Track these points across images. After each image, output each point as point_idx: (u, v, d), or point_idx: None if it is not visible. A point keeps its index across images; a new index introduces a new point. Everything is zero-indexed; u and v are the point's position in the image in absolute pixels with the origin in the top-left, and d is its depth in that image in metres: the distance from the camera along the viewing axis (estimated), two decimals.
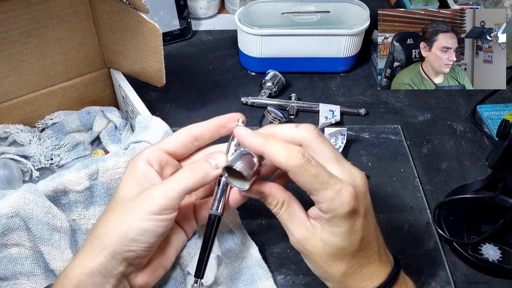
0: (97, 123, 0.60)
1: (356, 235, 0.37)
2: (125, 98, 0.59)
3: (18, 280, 0.41)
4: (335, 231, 0.36)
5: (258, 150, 0.36)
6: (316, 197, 0.36)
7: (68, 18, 0.54)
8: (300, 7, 0.73)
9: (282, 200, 0.38)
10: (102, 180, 0.46)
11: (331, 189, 0.35)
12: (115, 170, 0.46)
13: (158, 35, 0.52)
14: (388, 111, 0.71)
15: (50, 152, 0.58)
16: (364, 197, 0.37)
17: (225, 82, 0.75)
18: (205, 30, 0.85)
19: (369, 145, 0.65)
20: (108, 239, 0.36)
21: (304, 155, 0.35)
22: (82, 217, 0.47)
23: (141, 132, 0.50)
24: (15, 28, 0.51)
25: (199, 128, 0.41)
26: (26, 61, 0.54)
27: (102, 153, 0.59)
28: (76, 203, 0.46)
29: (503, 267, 0.51)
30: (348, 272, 0.38)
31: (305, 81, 0.76)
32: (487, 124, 0.69)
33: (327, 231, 0.37)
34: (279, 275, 0.50)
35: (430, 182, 0.61)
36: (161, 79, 0.57)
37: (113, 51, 0.59)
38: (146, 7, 0.49)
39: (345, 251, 0.37)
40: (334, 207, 0.35)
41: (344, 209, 0.35)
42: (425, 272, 0.52)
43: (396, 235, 0.55)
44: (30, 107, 0.59)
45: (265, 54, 0.73)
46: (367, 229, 0.37)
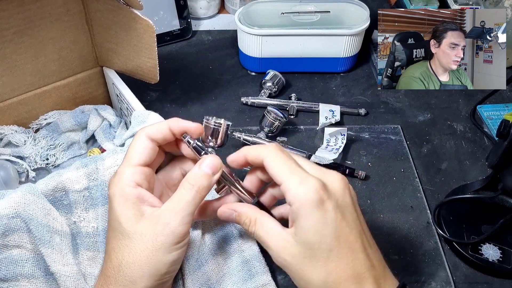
0: (91, 121, 0.60)
1: (328, 229, 0.35)
2: (119, 96, 0.59)
3: (19, 282, 0.41)
4: (305, 227, 0.35)
5: (239, 156, 0.40)
6: (283, 184, 0.36)
7: (61, 17, 0.54)
8: (300, 7, 0.73)
9: (255, 218, 0.39)
10: (104, 178, 0.46)
11: (297, 176, 0.36)
12: (114, 168, 0.46)
13: (151, 31, 0.51)
14: (388, 111, 0.71)
15: (46, 152, 0.58)
16: (339, 193, 0.37)
17: (225, 82, 0.75)
18: (205, 30, 0.85)
19: (369, 145, 0.65)
20: (142, 280, 0.36)
21: (277, 146, 0.39)
22: (82, 219, 0.47)
23: (137, 126, 0.50)
24: (8, 27, 0.51)
25: (160, 134, 0.40)
26: (19, 61, 0.54)
27: (98, 152, 0.59)
28: (76, 204, 0.46)
29: (503, 267, 0.51)
30: (328, 280, 0.35)
31: (305, 81, 0.76)
32: (487, 124, 0.69)
33: (298, 230, 0.36)
34: (279, 275, 0.50)
35: (430, 182, 0.61)
36: (155, 75, 0.57)
37: (106, 49, 0.59)
38: (140, 3, 0.49)
39: (318, 250, 0.35)
40: (299, 193, 0.35)
41: (308, 197, 0.35)
42: (425, 272, 0.52)
43: (396, 235, 0.55)
44: (24, 108, 0.59)
45: (265, 54, 0.73)
46: (345, 227, 0.36)
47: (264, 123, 0.63)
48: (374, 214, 0.57)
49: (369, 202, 0.58)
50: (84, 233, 0.47)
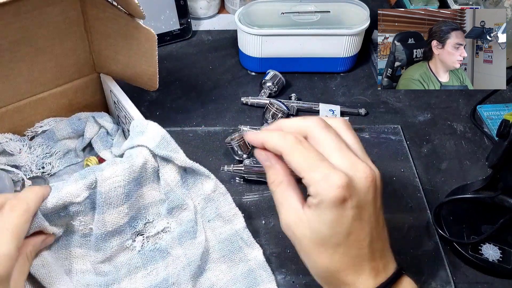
0: (88, 129, 0.59)
1: (342, 228, 0.35)
2: (117, 103, 0.58)
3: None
4: (321, 219, 0.35)
5: (258, 140, 0.38)
6: (305, 179, 0.36)
7: (59, 25, 0.53)
8: (300, 7, 0.73)
9: (281, 180, 0.38)
10: (101, 189, 0.46)
11: (319, 172, 0.35)
12: (113, 178, 0.46)
13: (153, 40, 0.51)
14: (388, 111, 0.71)
15: (41, 160, 0.57)
16: (363, 191, 0.36)
17: (225, 82, 0.75)
18: (205, 30, 0.85)
19: (369, 145, 0.65)
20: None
21: (296, 137, 0.36)
22: (83, 223, 0.47)
23: (136, 137, 0.50)
24: (4, 37, 0.49)
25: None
26: (16, 69, 0.53)
27: (95, 160, 0.58)
28: (76, 213, 0.46)
29: (503, 267, 0.51)
30: (330, 267, 0.37)
31: (305, 81, 0.76)
32: (487, 124, 0.69)
33: (315, 218, 0.36)
34: (279, 275, 0.50)
35: (430, 182, 0.61)
36: (154, 83, 0.57)
37: (104, 56, 0.58)
38: (142, 13, 0.48)
39: (328, 242, 0.36)
40: (320, 190, 0.35)
41: (330, 194, 0.34)
42: (425, 272, 0.52)
43: (396, 235, 0.55)
44: (19, 115, 0.57)
45: (265, 54, 0.73)
46: (359, 226, 0.36)
47: (267, 115, 0.64)
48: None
49: None
50: (81, 234, 0.47)
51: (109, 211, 0.47)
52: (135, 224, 0.50)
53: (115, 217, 0.47)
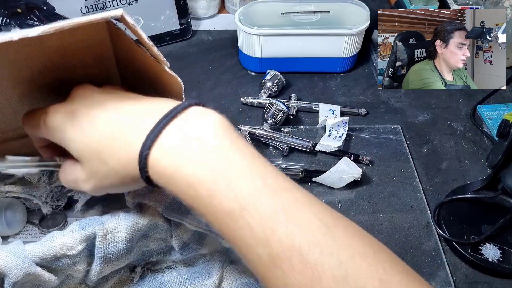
0: None
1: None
2: None
3: None
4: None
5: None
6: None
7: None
8: (300, 7, 0.73)
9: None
10: (100, 244, 0.41)
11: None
12: (114, 234, 0.41)
13: (179, 88, 0.47)
14: (388, 111, 0.71)
15: (58, 193, 0.52)
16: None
17: (225, 82, 0.75)
18: (205, 30, 0.85)
19: (369, 145, 0.65)
20: None
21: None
22: (75, 272, 0.43)
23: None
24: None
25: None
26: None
27: None
28: (70, 265, 0.41)
29: (503, 267, 0.51)
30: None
31: (305, 81, 0.76)
32: (487, 124, 0.69)
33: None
34: None
35: (430, 182, 0.61)
36: None
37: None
38: (165, 61, 0.44)
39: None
40: None
41: None
42: (425, 272, 0.52)
43: (396, 235, 0.55)
44: None
45: (265, 54, 0.73)
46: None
47: (268, 115, 0.64)
48: (374, 214, 0.57)
49: (369, 202, 0.58)
50: (76, 280, 0.44)
51: (108, 264, 0.42)
52: (135, 263, 0.47)
53: (115, 267, 0.44)
